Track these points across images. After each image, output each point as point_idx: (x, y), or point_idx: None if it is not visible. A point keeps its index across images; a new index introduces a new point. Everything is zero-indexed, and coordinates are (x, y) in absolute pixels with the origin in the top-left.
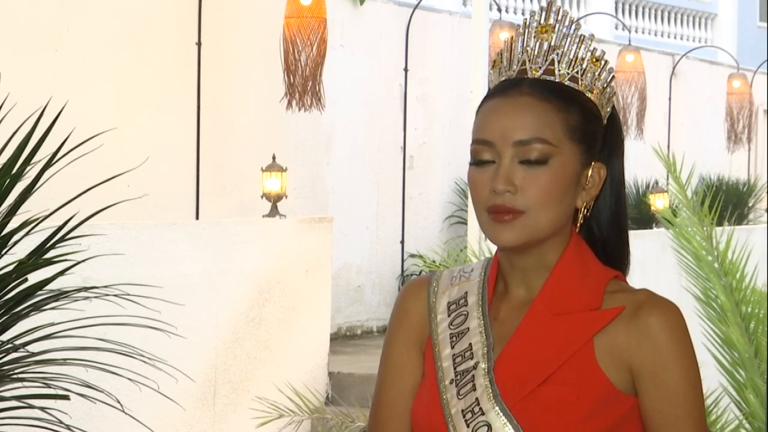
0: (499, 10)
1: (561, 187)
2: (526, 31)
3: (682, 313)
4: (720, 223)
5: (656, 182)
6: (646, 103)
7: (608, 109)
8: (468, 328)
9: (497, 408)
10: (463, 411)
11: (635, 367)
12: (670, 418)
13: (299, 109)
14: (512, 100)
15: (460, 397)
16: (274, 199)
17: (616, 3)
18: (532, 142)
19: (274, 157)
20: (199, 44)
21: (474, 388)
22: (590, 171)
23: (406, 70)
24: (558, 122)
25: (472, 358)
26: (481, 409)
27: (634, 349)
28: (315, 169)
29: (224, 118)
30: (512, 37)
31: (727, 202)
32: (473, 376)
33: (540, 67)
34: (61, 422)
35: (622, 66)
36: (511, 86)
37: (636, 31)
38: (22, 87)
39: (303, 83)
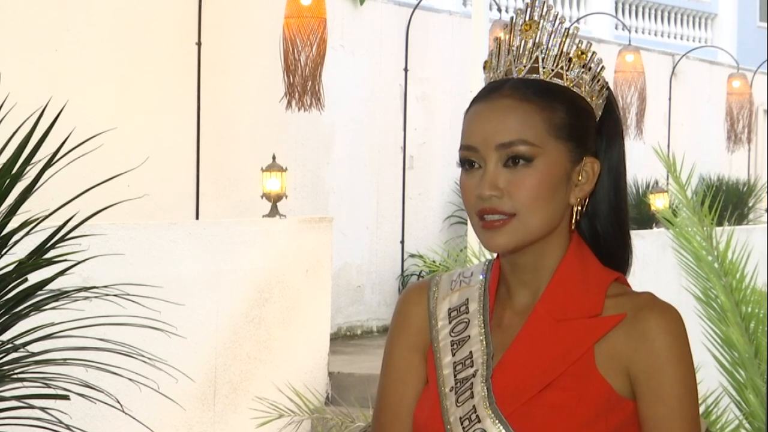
0: (499, 10)
1: (549, 187)
2: (513, 29)
3: (682, 316)
4: (720, 223)
5: (656, 182)
6: (646, 103)
7: (600, 101)
8: (469, 336)
9: (493, 415)
10: (461, 418)
11: (632, 369)
12: (665, 421)
13: (299, 109)
14: (493, 103)
15: (458, 404)
16: (274, 199)
17: (616, 3)
18: (514, 144)
19: (274, 157)
20: (199, 44)
21: (472, 396)
22: (582, 167)
23: (406, 70)
24: (541, 122)
25: (472, 366)
26: (477, 416)
27: (632, 352)
28: (315, 169)
29: (224, 118)
30: (500, 37)
31: (727, 202)
32: (472, 383)
33: (524, 66)
34: (61, 422)
35: (622, 66)
36: (493, 90)
37: (636, 31)
38: (22, 87)
39: (303, 83)
